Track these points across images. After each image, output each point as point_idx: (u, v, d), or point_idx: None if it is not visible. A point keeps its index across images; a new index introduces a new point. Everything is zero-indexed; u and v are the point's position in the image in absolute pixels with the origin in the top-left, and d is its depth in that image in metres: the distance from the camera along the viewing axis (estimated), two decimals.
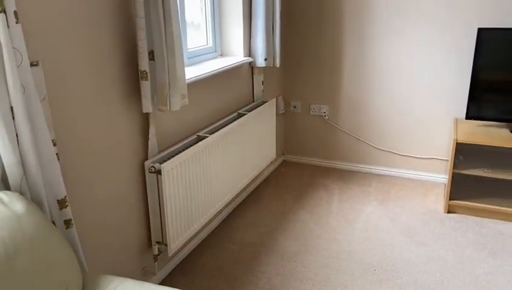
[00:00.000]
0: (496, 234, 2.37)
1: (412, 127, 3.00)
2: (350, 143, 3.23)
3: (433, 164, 3.01)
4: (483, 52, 2.51)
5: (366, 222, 2.53)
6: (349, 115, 3.17)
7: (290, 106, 3.35)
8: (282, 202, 2.81)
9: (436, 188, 2.93)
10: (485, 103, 2.58)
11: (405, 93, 2.96)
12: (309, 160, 3.41)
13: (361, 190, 2.93)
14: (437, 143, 2.96)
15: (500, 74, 2.51)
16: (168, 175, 1.88)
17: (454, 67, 2.78)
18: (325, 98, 3.21)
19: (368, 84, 3.04)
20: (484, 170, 2.52)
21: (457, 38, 2.72)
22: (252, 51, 2.73)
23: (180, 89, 1.79)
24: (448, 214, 2.59)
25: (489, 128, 2.63)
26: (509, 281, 1.99)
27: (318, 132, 3.32)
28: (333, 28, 3.03)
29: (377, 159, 3.17)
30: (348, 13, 2.96)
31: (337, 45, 3.05)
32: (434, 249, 2.25)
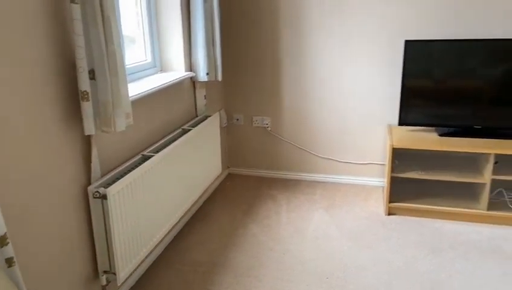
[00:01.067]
0: (434, 232, 2.53)
1: (350, 135, 3.13)
2: (293, 153, 3.29)
3: (372, 169, 3.16)
4: (410, 62, 2.69)
5: (315, 231, 2.58)
6: (291, 125, 3.24)
7: (232, 119, 3.35)
8: (230, 216, 2.78)
9: (376, 192, 3.07)
10: (415, 110, 2.76)
11: (343, 103, 3.08)
12: (254, 172, 3.42)
13: (308, 199, 3.00)
14: (374, 149, 3.12)
15: (426, 82, 2.71)
16: (114, 199, 1.78)
17: (386, 76, 2.95)
18: (267, 109, 3.25)
19: (307, 94, 3.13)
20: (418, 172, 2.69)
21: (387, 50, 2.90)
22: (193, 66, 2.69)
23: (125, 108, 1.71)
24: (389, 216, 2.72)
25: (420, 133, 2.81)
26: (450, 276, 2.13)
27: (262, 144, 3.34)
28: (272, 40, 3.08)
29: (320, 167, 3.26)
30: (286, 27, 3.03)
31: (277, 57, 3.11)
32: (380, 252, 2.35)
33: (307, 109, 3.17)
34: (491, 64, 2.58)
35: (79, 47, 1.51)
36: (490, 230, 2.52)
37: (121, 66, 1.66)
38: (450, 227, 2.57)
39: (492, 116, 2.66)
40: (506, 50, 2.53)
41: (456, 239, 2.44)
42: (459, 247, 2.36)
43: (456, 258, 2.26)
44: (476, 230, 2.53)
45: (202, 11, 2.56)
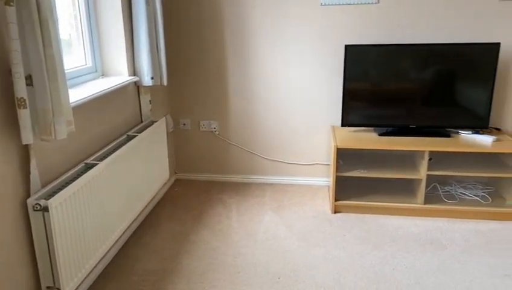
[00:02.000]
0: (377, 227, 2.65)
1: (296, 137, 3.21)
2: (242, 156, 3.31)
3: (318, 169, 3.26)
4: (351, 66, 2.81)
5: (266, 232, 2.61)
6: (239, 128, 3.26)
7: (179, 124, 3.30)
8: (181, 222, 2.74)
9: (322, 191, 3.17)
10: (356, 111, 2.89)
11: (288, 105, 3.15)
12: (203, 176, 3.40)
13: (257, 201, 3.03)
14: (319, 150, 3.21)
15: (365, 84, 2.84)
16: (57, 211, 1.69)
17: (330, 79, 3.06)
18: (214, 113, 3.25)
19: (253, 98, 3.17)
20: (361, 170, 2.81)
21: (330, 54, 3.00)
22: (137, 70, 2.63)
23: (66, 116, 1.64)
24: (335, 214, 2.82)
25: (361, 133, 2.94)
26: (393, 269, 2.24)
27: (210, 148, 3.33)
28: (217, 45, 3.09)
29: (268, 169, 3.31)
30: (230, 31, 3.05)
31: (222, 61, 3.12)
32: (328, 249, 2.42)
33: (253, 112, 3.20)
34: (422, 67, 2.76)
35: (15, 51, 1.42)
36: (427, 223, 2.70)
37: (61, 71, 1.59)
38: (392, 222, 2.71)
39: (425, 115, 2.84)
40: (435, 54, 2.72)
41: (397, 233, 2.58)
42: (400, 240, 2.50)
43: (398, 251, 2.39)
44: (415, 223, 2.69)
45: (145, 14, 2.51)
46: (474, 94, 2.75)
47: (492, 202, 2.75)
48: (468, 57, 2.70)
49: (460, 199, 2.81)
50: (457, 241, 2.47)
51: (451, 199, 2.81)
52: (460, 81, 2.74)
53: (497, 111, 2.94)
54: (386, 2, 2.84)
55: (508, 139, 2.73)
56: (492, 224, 2.65)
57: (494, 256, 2.32)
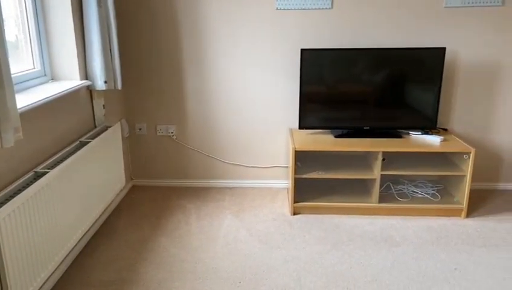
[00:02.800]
0: (335, 227, 2.71)
1: (255, 140, 3.23)
2: (201, 160, 3.28)
3: (277, 172, 3.29)
4: (306, 69, 2.87)
5: (226, 236, 2.60)
6: (197, 132, 3.23)
7: (135, 129, 3.22)
8: (138, 230, 2.68)
9: (282, 194, 3.20)
10: (312, 114, 2.95)
11: (246, 108, 3.16)
12: (161, 182, 3.33)
13: (217, 205, 3.01)
14: (278, 153, 3.25)
15: (321, 87, 2.90)
16: (5, 223, 1.60)
17: (286, 82, 3.10)
18: (171, 117, 3.20)
19: (211, 101, 3.15)
20: (319, 172, 2.86)
21: (287, 57, 3.05)
22: (89, 74, 2.54)
23: (13, 122, 1.55)
24: (295, 216, 2.86)
25: (318, 135, 3.00)
26: (351, 267, 2.30)
27: (167, 153, 3.27)
28: (174, 47, 3.05)
29: (228, 173, 3.30)
30: (187, 34, 3.02)
31: (178, 64, 3.08)
32: (288, 251, 2.45)
33: (211, 115, 3.19)
34: (375, 71, 2.86)
35: None
36: (382, 221, 2.79)
37: (7, 75, 1.51)
38: (349, 221, 2.79)
39: (378, 117, 2.94)
40: (386, 58, 2.83)
41: (353, 232, 2.65)
42: (356, 239, 2.57)
43: (354, 250, 2.46)
44: (370, 222, 2.78)
45: (97, 16, 2.43)
46: (423, 96, 2.88)
47: (441, 199, 2.90)
48: (417, 61, 2.82)
49: (412, 197, 2.93)
50: (410, 238, 2.58)
51: (403, 197, 2.93)
52: (410, 84, 2.87)
53: (444, 112, 3.09)
54: (339, 8, 2.92)
55: (455, 139, 2.88)
56: (442, 220, 2.79)
57: (444, 251, 2.44)
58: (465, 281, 2.17)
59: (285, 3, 2.93)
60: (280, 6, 2.93)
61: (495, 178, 3.21)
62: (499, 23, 2.89)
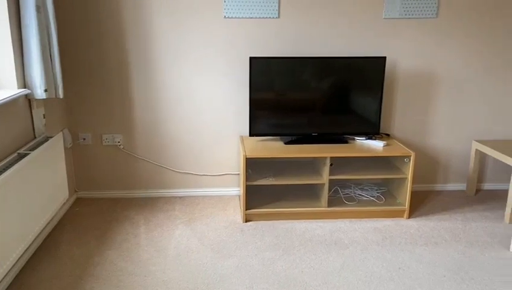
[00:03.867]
0: (286, 232, 2.75)
1: (205, 148, 3.20)
2: (149, 170, 3.20)
3: (228, 179, 3.28)
4: (256, 77, 2.90)
5: (177, 247, 2.56)
6: (145, 141, 3.15)
7: (78, 139, 3.09)
8: (83, 245, 2.56)
9: (233, 201, 3.20)
10: (262, 121, 2.98)
11: (197, 116, 3.14)
12: (107, 194, 3.21)
13: (167, 216, 2.95)
14: (229, 160, 3.24)
15: (270, 95, 2.95)
16: None
17: (236, 90, 3.11)
18: (118, 126, 3.10)
19: (160, 109, 3.10)
20: (269, 179, 2.89)
21: (236, 65, 3.06)
22: (28, 82, 2.41)
23: None
24: (247, 223, 2.87)
25: (268, 142, 3.04)
26: (302, 272, 2.34)
27: (114, 163, 3.17)
28: (118, 54, 2.96)
29: (178, 182, 3.25)
30: (133, 40, 2.95)
31: (125, 72, 3.00)
32: (240, 258, 2.45)
33: (161, 124, 3.13)
34: (321, 79, 2.95)
35: None
36: (331, 224, 2.87)
37: None
38: (299, 226, 2.83)
39: (325, 124, 3.03)
40: (331, 66, 2.93)
41: (304, 236, 2.70)
42: (307, 243, 2.62)
43: (306, 254, 2.50)
44: (320, 226, 2.84)
45: (35, 22, 2.32)
46: (366, 103, 3.01)
47: (385, 201, 3.03)
48: (360, 69, 2.95)
49: (358, 200, 3.04)
50: (358, 240, 2.67)
51: (351, 200, 3.03)
52: (354, 91, 2.98)
53: (387, 118, 3.25)
54: (286, 17, 2.99)
55: (396, 144, 3.03)
56: (387, 221, 2.91)
57: (389, 251, 2.55)
58: (408, 280, 2.28)
59: (233, 12, 2.95)
60: (228, 14, 2.95)
61: (433, 179, 3.41)
62: (434, 34, 3.09)
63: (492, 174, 3.43)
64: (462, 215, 3.00)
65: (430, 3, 3.01)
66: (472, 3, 3.04)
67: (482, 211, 3.06)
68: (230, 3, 2.93)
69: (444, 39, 3.10)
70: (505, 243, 2.62)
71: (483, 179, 3.44)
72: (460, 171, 3.40)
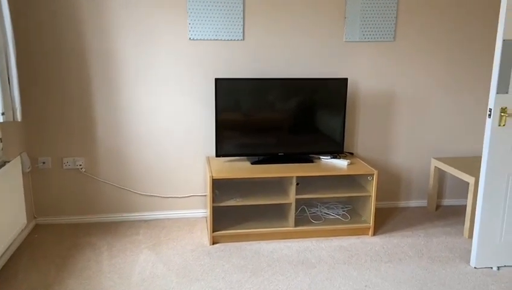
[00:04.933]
0: (254, 254, 2.73)
1: (171, 169, 3.16)
2: (112, 193, 3.12)
3: (194, 201, 3.24)
4: (222, 98, 2.91)
5: (141, 273, 2.48)
6: (108, 163, 3.08)
7: (38, 163, 2.98)
8: (42, 273, 2.44)
9: (200, 223, 3.16)
10: (229, 141, 2.99)
11: (162, 137, 3.10)
12: (68, 219, 3.10)
13: (131, 240, 2.87)
14: (195, 181, 3.21)
15: (236, 115, 2.96)
16: None
17: (202, 111, 3.11)
18: (80, 149, 3.02)
19: (124, 131, 3.04)
20: (236, 199, 2.88)
21: (202, 86, 3.06)
22: None
23: None
24: (214, 245, 2.83)
25: (235, 162, 3.04)
26: None
27: (75, 187, 3.07)
28: (80, 75, 2.91)
29: (143, 205, 3.18)
30: (96, 60, 2.91)
31: (86, 92, 2.94)
32: (207, 282, 2.40)
33: (124, 145, 3.07)
34: (286, 99, 3.00)
35: None
36: (299, 244, 2.87)
37: None
38: (267, 247, 2.82)
39: (291, 143, 3.07)
40: (296, 87, 2.99)
41: (272, 257, 2.69)
42: (275, 264, 2.61)
43: (273, 275, 2.49)
44: (288, 246, 2.84)
45: None
46: (330, 123, 3.08)
47: (351, 219, 3.07)
48: (323, 90, 3.02)
49: (325, 218, 3.07)
50: (325, 259, 2.68)
51: (317, 219, 3.06)
52: (319, 111, 3.05)
53: (350, 137, 3.33)
54: (250, 39, 3.04)
55: (360, 162, 3.10)
56: (352, 239, 2.95)
57: (355, 269, 2.57)
58: None
59: (198, 34, 2.97)
60: (193, 36, 2.97)
61: (396, 197, 3.50)
62: (392, 56, 3.22)
63: (451, 190, 3.56)
64: (424, 231, 3.09)
65: (387, 28, 3.15)
66: (427, 28, 3.21)
67: (443, 227, 3.16)
68: (195, 26, 2.95)
69: (401, 61, 3.24)
70: (465, 258, 2.71)
71: (443, 195, 3.56)
72: (421, 188, 3.51)
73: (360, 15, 3.10)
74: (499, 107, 2.35)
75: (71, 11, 2.81)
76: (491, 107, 2.36)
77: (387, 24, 3.14)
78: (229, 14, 2.97)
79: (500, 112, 2.35)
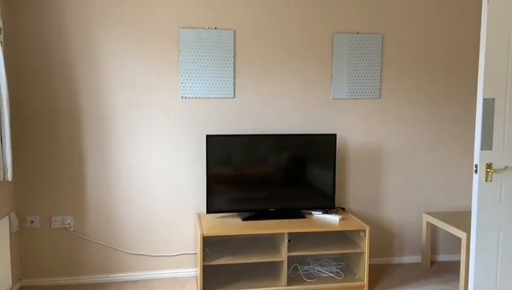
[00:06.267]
0: None
1: (161, 227, 3.12)
2: (101, 252, 3.05)
3: (184, 260, 3.17)
4: (212, 154, 2.95)
5: None
6: (98, 223, 3.03)
7: (26, 222, 2.93)
8: None
9: (190, 283, 3.07)
10: (220, 197, 2.98)
11: (152, 194, 3.09)
12: (55, 281, 3.00)
13: None
14: (185, 239, 3.16)
15: (227, 171, 2.98)
16: None
17: (193, 167, 3.12)
18: (69, 208, 2.99)
19: (114, 188, 3.03)
20: (228, 257, 2.83)
21: (193, 143, 3.10)
22: None
23: None
24: None
25: (226, 219, 3.01)
26: None
27: (62, 247, 3.00)
28: (70, 131, 2.94)
29: (131, 265, 3.10)
30: (88, 119, 2.95)
31: (78, 151, 2.96)
32: None
33: (114, 203, 3.04)
34: (276, 155, 3.04)
35: None
36: None
37: None
38: None
39: (282, 199, 3.07)
40: (286, 143, 3.04)
41: None
42: None
43: None
44: None
45: None
46: (321, 178, 3.10)
47: (344, 277, 3.01)
48: (313, 145, 3.07)
49: (318, 276, 3.01)
50: None
51: (310, 277, 2.99)
52: (309, 166, 3.08)
53: (341, 192, 3.34)
54: (241, 97, 3.13)
55: (352, 217, 3.09)
56: None
57: None
58: None
59: (190, 92, 3.06)
60: (185, 95, 3.05)
61: (390, 253, 3.46)
62: (378, 112, 3.32)
63: (444, 245, 3.53)
64: (419, 289, 3.02)
65: (373, 85, 3.27)
66: (411, 85, 3.33)
67: (438, 284, 3.10)
68: (188, 85, 3.04)
69: (388, 117, 3.33)
70: None
71: (437, 251, 3.53)
72: (414, 243, 3.47)
73: (346, 74, 3.23)
74: (484, 163, 2.39)
75: (66, 71, 2.90)
76: (477, 163, 2.40)
77: (372, 82, 3.26)
78: (220, 74, 3.08)
79: (486, 168, 2.40)
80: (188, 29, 3.01)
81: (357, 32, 3.22)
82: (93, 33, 2.91)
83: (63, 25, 2.87)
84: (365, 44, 3.22)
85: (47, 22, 2.85)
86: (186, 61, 3.02)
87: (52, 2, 2.83)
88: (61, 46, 2.88)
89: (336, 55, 3.20)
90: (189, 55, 3.02)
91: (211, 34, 3.04)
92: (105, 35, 2.92)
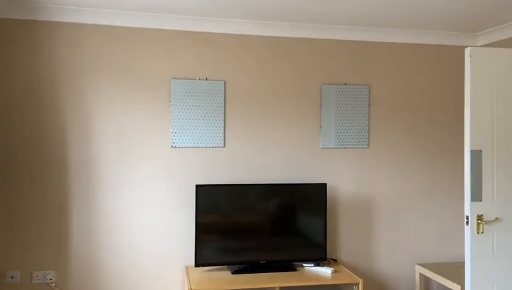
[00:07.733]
0: None
1: (147, 282, 3.00)
2: None
3: None
4: (202, 203, 2.90)
5: None
6: (81, 277, 2.91)
7: (5, 277, 2.80)
8: None
9: None
10: (209, 249, 2.91)
11: (136, 249, 2.99)
12: None
13: None
14: None
15: (216, 222, 2.93)
16: None
17: (182, 219, 3.05)
18: (51, 261, 2.87)
19: (99, 241, 2.94)
20: None
21: (182, 193, 3.04)
22: None
23: None
24: None
25: (215, 272, 2.91)
26: None
27: None
28: (56, 184, 2.88)
29: None
30: (74, 169, 2.91)
31: (61, 203, 2.89)
32: None
33: (99, 256, 2.94)
34: (267, 205, 3.01)
35: None
36: None
37: None
38: None
39: (272, 249, 3.01)
40: (276, 192, 3.02)
41: None
42: None
43: None
44: None
45: None
46: (312, 228, 3.05)
47: None
48: (303, 195, 3.06)
49: None
50: None
51: None
52: (300, 216, 3.05)
53: (333, 242, 3.27)
54: (231, 146, 3.13)
55: (344, 270, 3.02)
56: None
57: None
58: None
59: (180, 141, 3.05)
60: (175, 144, 3.04)
61: None
62: (367, 162, 3.33)
63: None
64: None
65: (361, 135, 3.30)
66: (399, 135, 3.37)
67: None
68: (178, 134, 3.04)
69: (376, 167, 3.34)
70: None
71: None
72: None
73: (335, 124, 3.27)
74: (475, 214, 2.39)
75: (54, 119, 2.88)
76: (468, 215, 2.40)
77: (361, 132, 3.30)
78: (211, 123, 3.09)
79: (477, 220, 2.39)
80: (179, 79, 3.05)
81: (344, 84, 3.29)
82: (84, 83, 2.92)
83: (54, 74, 2.89)
84: (352, 95, 3.29)
85: (37, 70, 2.86)
86: (176, 111, 3.04)
87: (43, 51, 2.87)
88: (51, 95, 2.88)
89: (324, 105, 3.26)
90: (179, 105, 3.04)
91: (201, 85, 3.08)
92: (95, 85, 2.94)
